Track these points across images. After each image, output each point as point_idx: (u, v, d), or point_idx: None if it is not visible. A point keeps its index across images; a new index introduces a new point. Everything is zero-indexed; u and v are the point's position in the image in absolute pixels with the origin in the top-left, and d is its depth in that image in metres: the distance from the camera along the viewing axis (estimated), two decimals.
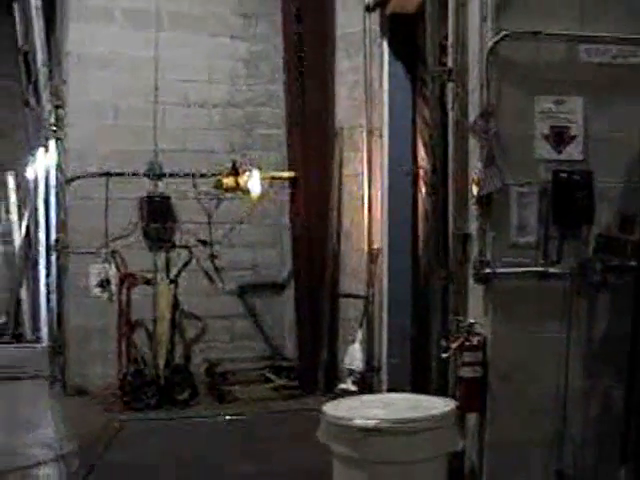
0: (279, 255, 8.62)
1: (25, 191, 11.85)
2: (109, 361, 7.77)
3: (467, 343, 4.13)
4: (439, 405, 4.13)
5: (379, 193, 7.36)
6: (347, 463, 4.00)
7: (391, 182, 7.29)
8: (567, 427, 4.12)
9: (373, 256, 7.39)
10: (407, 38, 7.22)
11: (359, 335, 7.41)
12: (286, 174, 8.16)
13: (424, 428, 3.90)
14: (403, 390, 5.87)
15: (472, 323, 4.17)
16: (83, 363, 7.92)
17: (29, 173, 11.46)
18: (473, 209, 4.24)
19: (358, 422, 3.91)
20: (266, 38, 8.53)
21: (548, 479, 4.12)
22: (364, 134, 7.40)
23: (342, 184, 7.85)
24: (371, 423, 3.88)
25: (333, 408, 4.15)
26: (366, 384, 7.19)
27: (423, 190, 7.12)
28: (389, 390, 6.81)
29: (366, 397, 4.80)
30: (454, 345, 4.20)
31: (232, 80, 8.46)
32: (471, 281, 4.32)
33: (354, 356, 7.37)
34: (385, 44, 7.25)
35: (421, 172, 7.17)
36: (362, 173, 7.44)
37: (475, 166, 4.18)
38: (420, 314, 7.11)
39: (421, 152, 7.15)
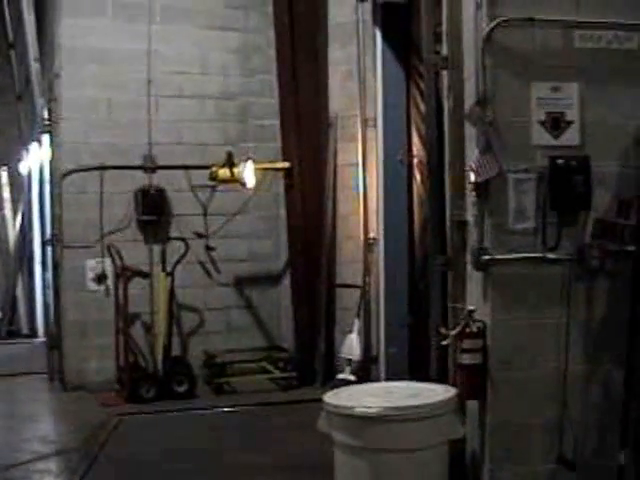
0: (275, 246, 8.61)
1: (19, 187, 11.87)
2: (107, 355, 7.76)
3: (467, 330, 4.14)
4: (439, 392, 4.16)
5: (374, 182, 7.37)
6: (348, 452, 4.03)
7: (386, 171, 7.33)
8: (567, 412, 4.14)
9: (369, 245, 7.41)
10: (400, 27, 7.23)
11: (356, 325, 7.43)
12: (281, 165, 8.15)
13: (425, 416, 3.93)
14: (401, 378, 5.88)
15: (471, 310, 4.17)
16: (81, 358, 7.90)
17: (23, 168, 11.47)
18: (470, 196, 4.25)
19: (359, 410, 3.94)
20: (258, 29, 8.49)
21: (549, 464, 4.14)
22: (358, 124, 7.40)
23: (337, 174, 7.87)
24: (372, 411, 3.91)
25: (333, 397, 4.18)
26: (364, 373, 7.21)
27: (418, 178, 7.15)
28: (387, 379, 6.83)
29: (366, 386, 4.82)
30: (454, 332, 4.22)
31: (225, 72, 8.42)
32: (469, 268, 4.33)
33: (352, 346, 7.38)
34: (378, 33, 7.26)
35: (416, 161, 7.20)
36: (357, 162, 7.43)
37: (472, 153, 4.18)
38: (417, 302, 7.15)
39: (415, 141, 7.17)
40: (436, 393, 4.14)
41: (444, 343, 4.39)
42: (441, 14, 4.81)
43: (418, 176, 7.15)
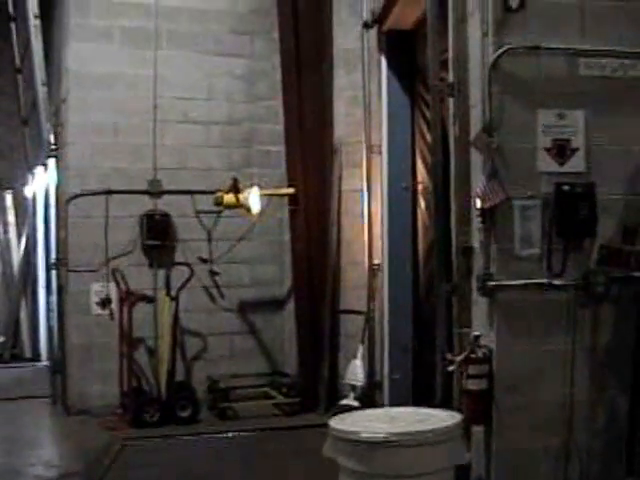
0: (279, 271, 8.63)
1: (23, 210, 11.92)
2: (110, 379, 7.76)
3: (472, 356, 4.16)
4: (445, 418, 4.14)
5: (379, 209, 7.39)
6: (354, 477, 4.00)
7: (390, 197, 7.34)
8: (573, 438, 4.15)
9: (373, 271, 7.41)
10: (405, 54, 7.29)
11: (360, 350, 7.43)
12: (285, 190, 8.17)
13: (431, 441, 3.91)
14: (405, 404, 5.87)
15: (477, 336, 4.19)
16: (84, 382, 7.90)
17: (28, 192, 11.52)
18: (476, 222, 4.28)
19: (365, 436, 3.92)
20: (264, 56, 8.57)
21: None
22: (363, 150, 7.43)
23: (341, 200, 7.91)
24: (378, 436, 3.89)
25: (339, 422, 4.16)
26: (368, 399, 7.19)
27: (422, 205, 7.17)
28: (391, 404, 6.81)
29: (371, 411, 4.79)
30: (459, 358, 4.23)
31: (231, 98, 8.49)
32: (475, 294, 4.35)
33: (355, 372, 7.39)
34: (383, 60, 7.30)
35: (420, 187, 7.23)
36: (362, 189, 7.46)
37: (478, 180, 4.22)
38: (421, 329, 7.16)
39: (420, 167, 7.21)
40: (441, 419, 4.12)
41: (450, 369, 4.40)
42: (447, 41, 4.87)
43: (422, 203, 7.18)
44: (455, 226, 4.71)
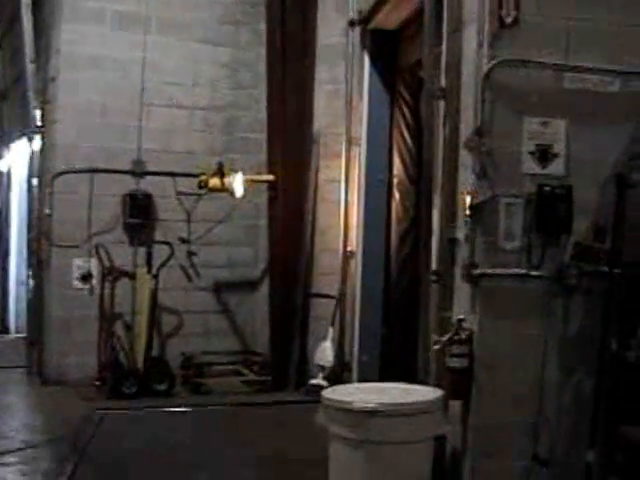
0: (254, 254, 8.93)
1: None
2: (88, 352, 7.99)
3: (456, 337, 4.55)
4: (427, 392, 4.57)
5: (355, 198, 7.74)
6: (345, 444, 4.38)
7: (367, 188, 7.69)
8: (543, 414, 4.56)
9: (347, 258, 7.76)
10: (387, 53, 7.64)
11: (330, 333, 7.78)
12: (266, 177, 8.46)
13: (417, 411, 4.33)
14: None
15: (461, 319, 4.59)
16: (62, 353, 8.11)
17: (2, 166, 11.65)
18: (464, 216, 4.64)
19: (358, 405, 4.30)
20: (249, 46, 8.85)
21: (525, 461, 4.56)
22: (342, 142, 7.77)
23: (317, 189, 8.21)
24: (369, 406, 4.28)
25: (332, 393, 4.56)
26: (336, 379, 7.47)
27: (397, 197, 7.56)
28: None
29: (361, 385, 5.19)
30: (444, 339, 4.62)
31: (215, 85, 8.76)
32: (458, 281, 4.74)
33: (325, 353, 7.74)
34: (366, 58, 7.64)
35: (395, 181, 7.60)
36: (339, 179, 7.80)
37: (468, 178, 4.61)
38: (390, 313, 7.55)
39: (396, 161, 7.59)
40: (425, 393, 4.54)
41: (436, 348, 4.79)
42: (438, 41, 5.25)
43: (397, 194, 7.56)
44: (440, 219, 5.09)
